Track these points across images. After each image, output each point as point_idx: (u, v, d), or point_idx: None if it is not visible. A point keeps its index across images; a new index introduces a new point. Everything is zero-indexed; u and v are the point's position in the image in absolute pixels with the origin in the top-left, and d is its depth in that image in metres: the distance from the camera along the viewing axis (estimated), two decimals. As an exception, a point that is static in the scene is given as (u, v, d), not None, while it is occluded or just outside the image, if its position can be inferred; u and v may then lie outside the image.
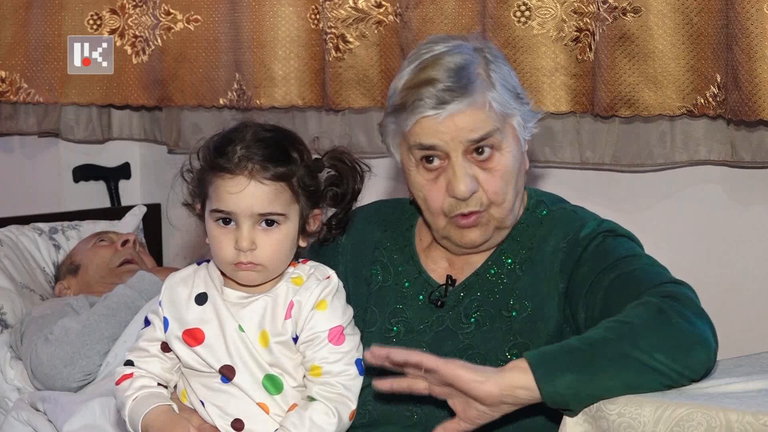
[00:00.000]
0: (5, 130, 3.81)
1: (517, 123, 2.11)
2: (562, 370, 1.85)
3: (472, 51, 2.10)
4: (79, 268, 3.33)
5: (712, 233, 2.84)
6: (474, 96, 2.05)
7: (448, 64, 2.06)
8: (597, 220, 2.16)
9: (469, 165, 2.08)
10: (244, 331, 2.02)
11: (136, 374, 2.08)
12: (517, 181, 2.12)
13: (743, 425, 1.73)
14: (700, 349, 1.89)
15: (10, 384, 3.07)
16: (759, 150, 2.69)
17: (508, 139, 2.10)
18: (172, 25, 3.48)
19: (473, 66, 2.07)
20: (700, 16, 2.66)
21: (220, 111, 3.44)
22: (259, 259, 2.00)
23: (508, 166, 2.10)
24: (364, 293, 2.20)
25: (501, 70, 2.10)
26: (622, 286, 2.01)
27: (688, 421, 1.77)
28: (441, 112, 2.04)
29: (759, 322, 2.74)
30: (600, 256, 2.07)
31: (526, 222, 2.18)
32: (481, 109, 2.06)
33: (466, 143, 2.06)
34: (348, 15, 3.16)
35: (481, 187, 2.08)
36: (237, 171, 1.99)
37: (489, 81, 2.07)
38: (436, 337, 2.13)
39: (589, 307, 2.03)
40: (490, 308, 2.13)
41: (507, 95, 2.09)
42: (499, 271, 2.16)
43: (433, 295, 2.17)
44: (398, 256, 2.22)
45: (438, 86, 2.04)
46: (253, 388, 2.02)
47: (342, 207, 2.14)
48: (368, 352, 1.94)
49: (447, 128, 2.05)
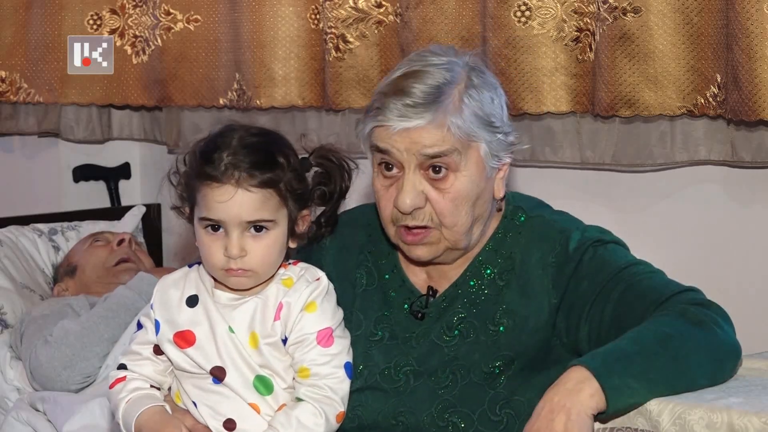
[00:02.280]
0: (5, 130, 3.81)
1: (482, 151, 2.08)
2: (624, 376, 1.88)
3: (461, 70, 2.08)
4: (76, 269, 3.33)
5: (712, 233, 2.84)
6: (436, 115, 2.03)
7: (428, 80, 2.05)
8: (580, 229, 2.14)
9: (420, 180, 2.06)
10: (234, 332, 2.02)
11: (129, 377, 2.09)
12: (474, 207, 2.09)
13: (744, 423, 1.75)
14: (735, 357, 1.99)
15: (10, 384, 3.07)
16: (759, 150, 2.69)
17: (469, 164, 2.07)
18: (172, 25, 3.48)
19: (451, 87, 2.05)
20: (700, 16, 2.66)
21: (220, 111, 3.44)
22: (249, 264, 2.00)
23: (461, 191, 2.07)
24: (350, 296, 2.20)
25: (481, 96, 2.08)
26: (634, 298, 2.02)
27: (689, 414, 1.81)
28: (396, 124, 2.04)
29: (759, 321, 2.74)
30: (597, 268, 2.08)
31: (503, 231, 2.17)
32: (439, 129, 2.04)
33: (420, 157, 2.05)
34: (348, 15, 3.16)
35: (430, 205, 2.07)
36: (224, 179, 1.98)
37: (458, 105, 2.05)
38: (423, 351, 2.13)
39: (594, 321, 2.05)
40: (474, 320, 2.13)
41: (474, 123, 2.05)
42: (479, 282, 2.15)
43: (414, 306, 2.17)
44: (383, 262, 2.22)
45: (406, 100, 2.03)
46: (244, 389, 2.02)
47: (331, 205, 2.14)
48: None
49: (401, 139, 2.05)
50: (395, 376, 2.13)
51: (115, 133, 3.83)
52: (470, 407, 2.06)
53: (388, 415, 2.10)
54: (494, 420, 2.06)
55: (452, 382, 2.08)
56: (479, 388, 2.07)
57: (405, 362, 2.13)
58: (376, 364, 2.14)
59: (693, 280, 2.10)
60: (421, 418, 2.06)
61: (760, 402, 1.82)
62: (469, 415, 2.06)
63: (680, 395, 1.86)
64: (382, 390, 2.12)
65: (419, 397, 2.10)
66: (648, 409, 1.84)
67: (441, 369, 2.09)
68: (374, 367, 2.14)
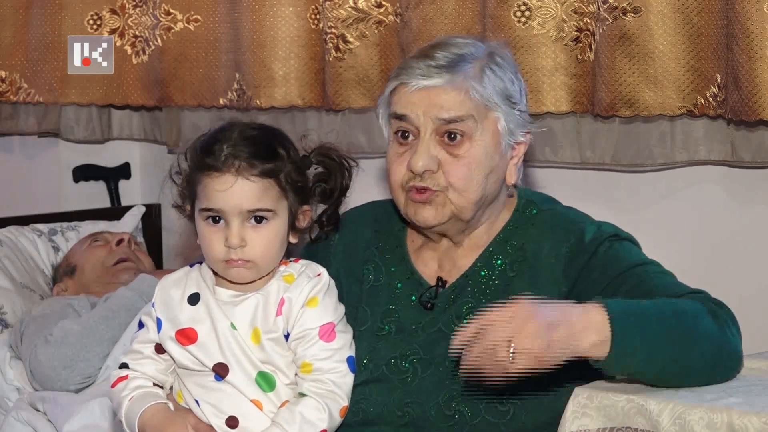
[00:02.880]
0: (5, 130, 3.81)
1: (500, 124, 2.10)
2: (635, 338, 1.86)
3: (486, 49, 2.13)
4: (75, 269, 3.33)
5: (712, 233, 2.83)
6: (455, 77, 2.07)
7: (452, 49, 2.09)
8: (595, 223, 2.16)
9: (435, 146, 2.08)
10: (236, 328, 2.03)
11: (131, 376, 2.10)
12: (486, 179, 2.10)
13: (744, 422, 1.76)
14: (734, 362, 1.97)
15: (10, 384, 3.07)
16: (759, 150, 2.69)
17: (485, 133, 2.09)
18: (172, 25, 3.48)
19: (474, 58, 2.09)
20: (700, 16, 2.66)
21: (220, 111, 3.44)
22: (250, 255, 2.01)
23: (476, 157, 2.09)
24: (357, 292, 2.20)
25: (502, 74, 2.11)
26: (644, 295, 2.01)
27: (689, 414, 1.80)
28: (416, 81, 2.07)
29: (759, 322, 2.73)
30: (611, 261, 2.08)
31: (514, 223, 2.18)
32: (458, 91, 2.07)
33: (437, 121, 2.07)
34: (348, 15, 3.16)
35: (442, 170, 2.08)
36: (224, 169, 2.00)
37: (479, 74, 2.08)
38: (429, 339, 2.13)
39: None
40: (483, 310, 2.13)
41: (493, 93, 2.09)
42: (489, 273, 2.16)
43: (423, 297, 2.17)
44: (390, 256, 2.22)
45: (429, 62, 2.07)
46: (247, 386, 2.03)
47: (331, 203, 2.15)
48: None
49: (420, 100, 2.07)
50: (401, 365, 2.12)
51: (115, 133, 3.82)
52: (477, 396, 2.05)
53: (393, 407, 2.10)
54: (501, 410, 2.06)
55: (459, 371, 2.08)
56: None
57: (411, 351, 2.13)
58: (382, 356, 2.14)
59: (693, 279, 2.10)
60: (428, 408, 2.06)
61: (760, 402, 1.82)
62: (476, 404, 2.06)
63: (680, 396, 1.86)
64: (387, 382, 2.12)
65: (426, 387, 2.10)
66: (648, 409, 1.84)
67: (448, 358, 2.07)
68: (380, 360, 2.13)
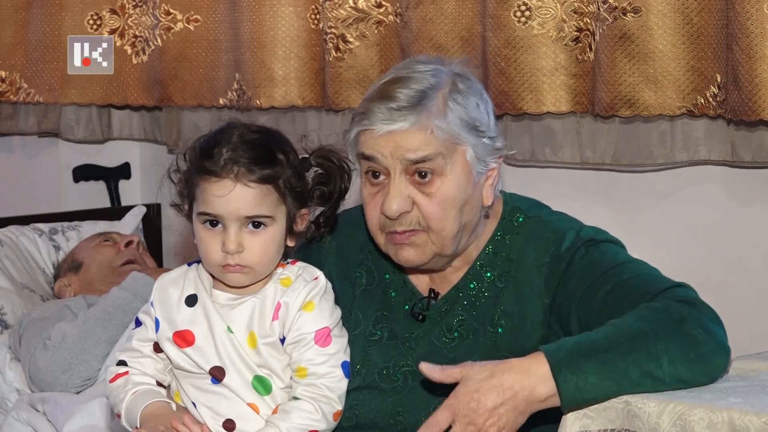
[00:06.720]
0: (5, 130, 3.81)
1: (469, 155, 2.08)
2: (585, 371, 1.87)
3: (446, 76, 2.09)
4: (81, 265, 3.33)
5: (712, 233, 2.83)
6: (419, 117, 2.04)
7: (412, 85, 2.06)
8: (575, 229, 2.14)
9: (406, 185, 2.06)
10: (232, 332, 2.03)
11: (131, 372, 2.10)
12: (461, 213, 2.09)
13: (744, 422, 1.75)
14: (719, 357, 1.94)
15: (10, 385, 3.07)
16: (759, 150, 2.69)
17: (455, 167, 2.07)
18: (172, 25, 3.48)
19: (435, 91, 2.06)
20: (700, 16, 2.66)
21: (220, 111, 3.44)
22: (247, 261, 2.01)
23: (448, 194, 2.07)
24: (349, 295, 2.20)
25: (466, 101, 2.08)
26: (622, 296, 2.01)
27: (690, 415, 1.80)
28: (380, 127, 2.04)
29: (759, 321, 2.74)
30: (587, 267, 2.07)
31: (501, 233, 2.17)
32: (423, 132, 2.04)
33: (405, 162, 2.05)
34: (348, 15, 3.16)
35: (418, 209, 2.07)
36: (223, 174, 1.99)
37: (442, 108, 2.05)
38: (421, 352, 2.13)
39: (582, 319, 2.04)
40: (474, 322, 2.13)
41: (458, 126, 2.06)
42: (479, 285, 2.15)
43: (416, 308, 2.17)
44: (384, 262, 2.21)
45: (390, 104, 2.04)
46: (243, 389, 2.03)
47: (330, 205, 2.15)
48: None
49: (386, 143, 2.05)
50: (393, 376, 2.13)
51: (115, 133, 3.82)
52: None
53: (385, 415, 2.11)
54: None
55: (451, 383, 2.09)
56: None
57: (404, 363, 2.14)
58: (374, 363, 2.14)
59: (692, 279, 2.10)
60: (420, 418, 2.06)
61: (760, 402, 1.82)
62: None
63: (680, 396, 1.86)
64: (380, 389, 2.13)
65: (418, 397, 2.10)
66: (647, 411, 1.84)
67: None
68: (373, 367, 2.14)
